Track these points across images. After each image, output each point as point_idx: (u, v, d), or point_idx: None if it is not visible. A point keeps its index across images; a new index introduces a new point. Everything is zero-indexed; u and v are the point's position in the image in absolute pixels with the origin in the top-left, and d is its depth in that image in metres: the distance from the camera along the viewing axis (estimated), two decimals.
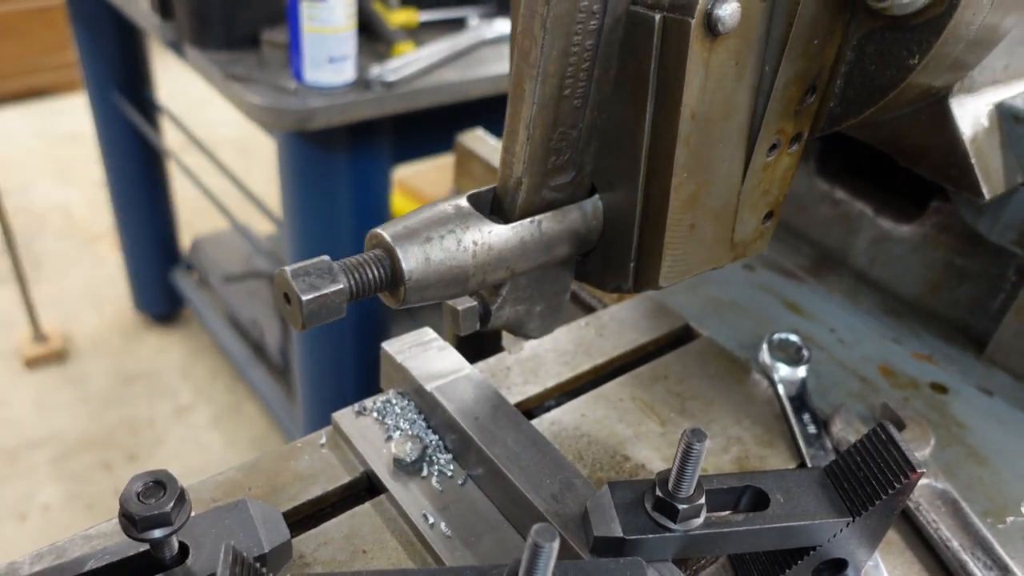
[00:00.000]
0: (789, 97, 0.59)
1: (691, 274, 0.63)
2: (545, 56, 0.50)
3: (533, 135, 0.54)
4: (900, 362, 0.92)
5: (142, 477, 0.53)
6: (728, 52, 0.53)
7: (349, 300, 0.51)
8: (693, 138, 0.55)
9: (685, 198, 0.58)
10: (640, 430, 0.77)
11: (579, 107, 0.55)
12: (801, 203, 1.11)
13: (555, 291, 0.65)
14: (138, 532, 0.51)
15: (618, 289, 0.64)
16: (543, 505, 0.62)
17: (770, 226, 0.68)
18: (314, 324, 0.49)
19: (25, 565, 0.59)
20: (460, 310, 0.60)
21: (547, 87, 0.52)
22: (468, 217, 0.55)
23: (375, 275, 0.52)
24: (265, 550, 0.58)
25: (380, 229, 0.53)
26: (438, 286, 0.54)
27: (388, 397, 0.75)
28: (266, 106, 1.54)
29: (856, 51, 0.60)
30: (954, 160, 0.72)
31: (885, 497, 0.57)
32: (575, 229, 0.60)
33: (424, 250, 0.52)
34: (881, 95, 0.61)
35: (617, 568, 0.52)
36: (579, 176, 0.59)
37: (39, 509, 2.53)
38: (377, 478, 0.69)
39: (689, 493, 0.56)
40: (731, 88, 0.55)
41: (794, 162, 0.65)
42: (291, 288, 0.49)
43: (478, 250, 0.54)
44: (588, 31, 0.51)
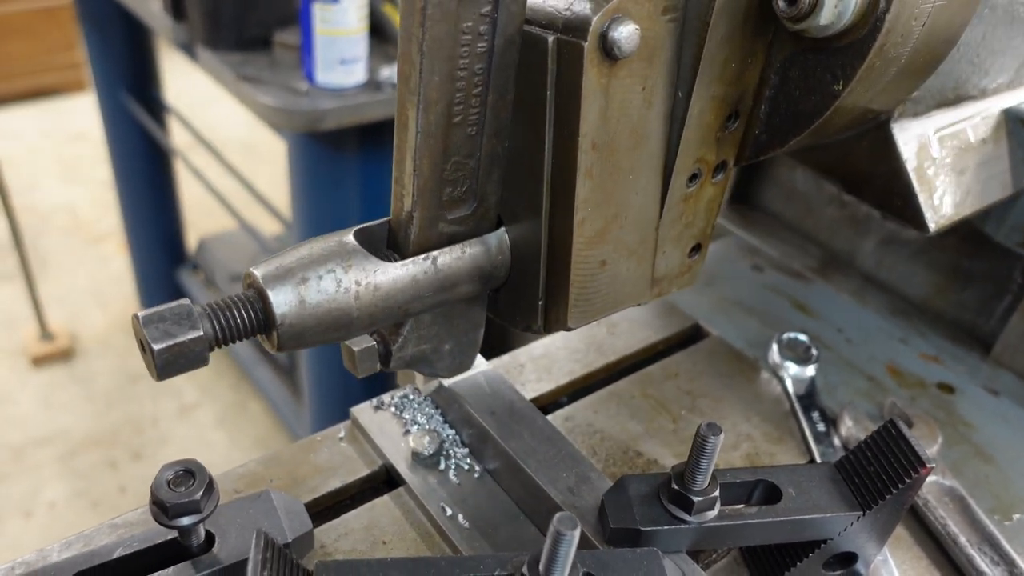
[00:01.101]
0: (707, 124, 0.55)
1: (607, 313, 0.59)
2: (425, 82, 0.46)
3: (420, 166, 0.49)
4: (907, 362, 0.93)
5: (172, 466, 0.55)
6: (632, 77, 0.49)
7: (212, 347, 0.47)
8: (596, 170, 0.51)
9: (592, 234, 0.53)
10: (652, 426, 0.79)
11: (474, 135, 0.51)
12: (809, 205, 1.12)
13: (465, 328, 0.61)
14: (168, 519, 0.53)
15: (528, 329, 0.59)
16: (560, 497, 0.63)
17: (699, 259, 0.63)
18: (171, 374, 0.46)
19: (54, 552, 0.60)
20: (356, 351, 0.56)
21: (431, 114, 0.48)
22: (352, 255, 0.50)
23: (244, 318, 0.48)
24: (288, 539, 0.59)
25: (253, 268, 0.49)
26: (316, 330, 0.49)
27: (405, 392, 0.77)
28: (278, 107, 1.56)
29: (780, 75, 0.56)
30: (897, 189, 0.67)
31: (895, 492, 0.58)
32: (478, 265, 0.55)
33: (299, 292, 0.48)
34: (807, 122, 0.56)
35: (634, 558, 0.54)
36: (481, 208, 0.55)
37: (44, 506, 2.55)
38: (396, 471, 0.70)
39: (704, 486, 0.58)
40: (638, 115, 0.51)
41: (720, 191, 0.60)
42: (143, 336, 0.45)
43: (362, 291, 0.50)
44: (476, 54, 0.47)
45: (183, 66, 2.86)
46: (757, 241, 1.12)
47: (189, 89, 4.19)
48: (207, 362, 0.47)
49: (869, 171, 0.68)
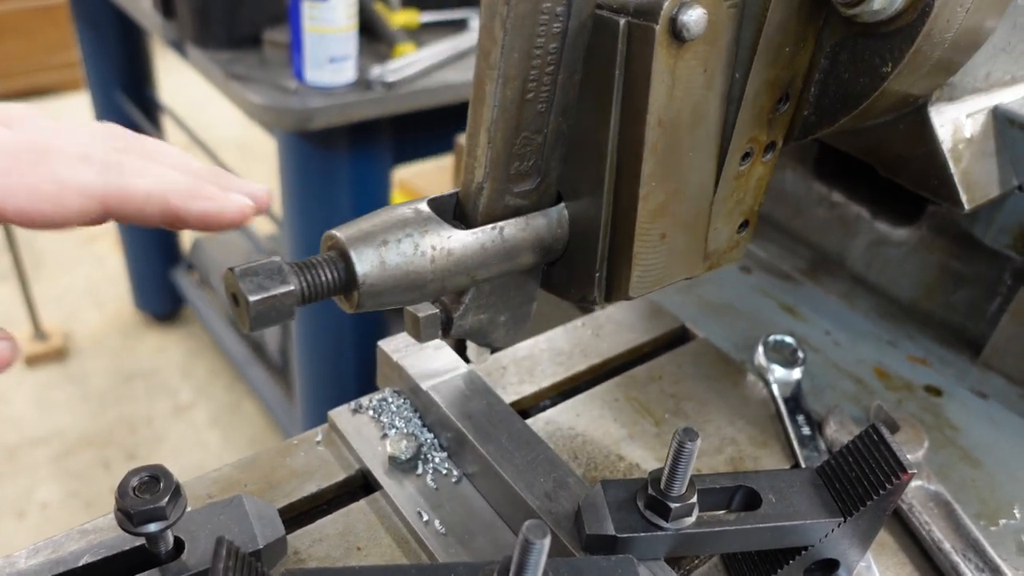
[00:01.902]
0: (761, 105, 0.58)
1: (662, 284, 0.62)
2: (506, 58, 0.49)
3: (494, 139, 0.52)
4: (895, 364, 0.92)
5: (138, 472, 0.54)
6: (696, 58, 0.52)
7: (300, 303, 0.49)
8: (661, 146, 0.54)
9: (654, 207, 0.57)
10: (635, 430, 0.78)
11: (543, 112, 0.54)
12: (798, 206, 1.11)
13: (520, 300, 0.63)
14: (133, 526, 0.52)
15: (584, 300, 0.62)
16: (536, 503, 0.62)
17: (745, 235, 0.67)
18: (262, 327, 0.48)
19: (21, 559, 0.59)
20: (421, 317, 0.59)
21: (508, 90, 0.51)
22: (427, 221, 0.53)
23: (328, 277, 0.50)
24: (260, 546, 0.58)
25: (336, 230, 0.52)
26: (394, 291, 0.52)
27: (384, 395, 0.76)
28: (267, 105, 1.55)
29: (830, 58, 0.59)
30: (933, 170, 0.71)
31: (876, 498, 0.57)
32: (539, 237, 0.59)
33: (380, 253, 0.51)
34: (855, 103, 0.60)
35: (609, 566, 0.53)
36: (544, 183, 0.58)
37: (38, 507, 2.54)
38: (372, 476, 0.69)
39: (681, 492, 0.57)
40: (700, 95, 0.54)
41: (768, 171, 0.64)
42: (239, 289, 0.47)
43: (436, 255, 0.53)
44: (552, 34, 0.50)
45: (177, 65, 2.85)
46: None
47: (183, 88, 4.18)
48: (294, 316, 0.49)
49: (906, 153, 0.72)
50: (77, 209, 0.41)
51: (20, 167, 0.39)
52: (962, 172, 0.71)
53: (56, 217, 0.41)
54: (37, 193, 0.39)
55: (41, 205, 0.40)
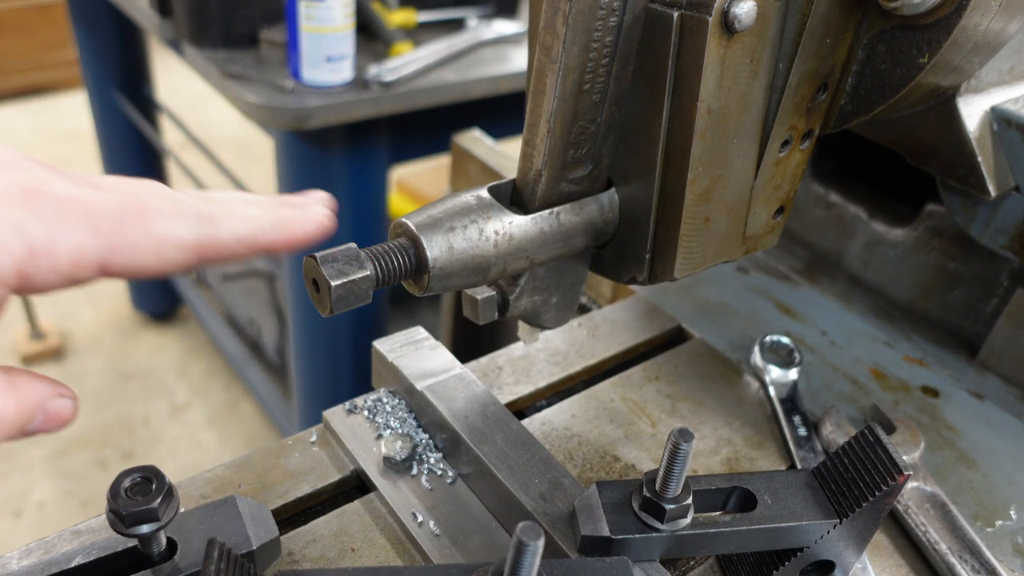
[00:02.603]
0: (802, 94, 0.61)
1: (704, 266, 0.65)
2: (566, 51, 0.52)
3: (554, 128, 0.55)
4: (891, 365, 0.92)
5: (130, 472, 0.53)
6: (744, 49, 0.54)
7: (375, 287, 0.52)
8: (709, 133, 0.56)
9: (700, 192, 0.59)
10: (631, 431, 0.78)
11: (598, 102, 0.57)
12: (795, 206, 1.11)
13: (571, 282, 0.66)
14: (125, 527, 0.51)
15: (633, 281, 0.65)
16: (531, 504, 0.62)
17: (781, 221, 0.69)
18: (342, 309, 0.51)
19: (13, 561, 0.59)
20: (480, 299, 0.61)
21: (568, 82, 0.53)
22: (490, 208, 0.56)
23: (400, 263, 0.53)
24: (253, 547, 0.58)
25: (405, 218, 0.54)
26: (460, 274, 0.55)
27: (379, 395, 0.75)
28: (263, 105, 1.55)
29: (867, 50, 0.62)
30: (961, 159, 0.74)
31: (872, 499, 0.57)
32: (592, 221, 0.61)
33: (448, 239, 0.53)
34: (891, 93, 0.62)
35: (603, 567, 0.53)
36: (596, 170, 0.61)
37: (34, 506, 2.53)
38: (367, 476, 0.69)
39: (676, 493, 0.56)
40: (746, 85, 0.57)
41: (805, 158, 0.67)
42: (320, 274, 0.50)
43: (499, 240, 0.56)
44: (608, 27, 0.53)
45: (175, 65, 2.85)
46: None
47: (181, 88, 4.18)
48: (370, 299, 0.51)
49: (935, 143, 0.74)
50: (175, 261, 0.44)
51: (125, 228, 0.42)
52: (989, 161, 0.74)
53: (157, 270, 0.44)
54: (141, 250, 0.42)
55: (144, 260, 0.43)
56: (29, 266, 0.39)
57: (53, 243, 0.39)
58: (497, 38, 1.96)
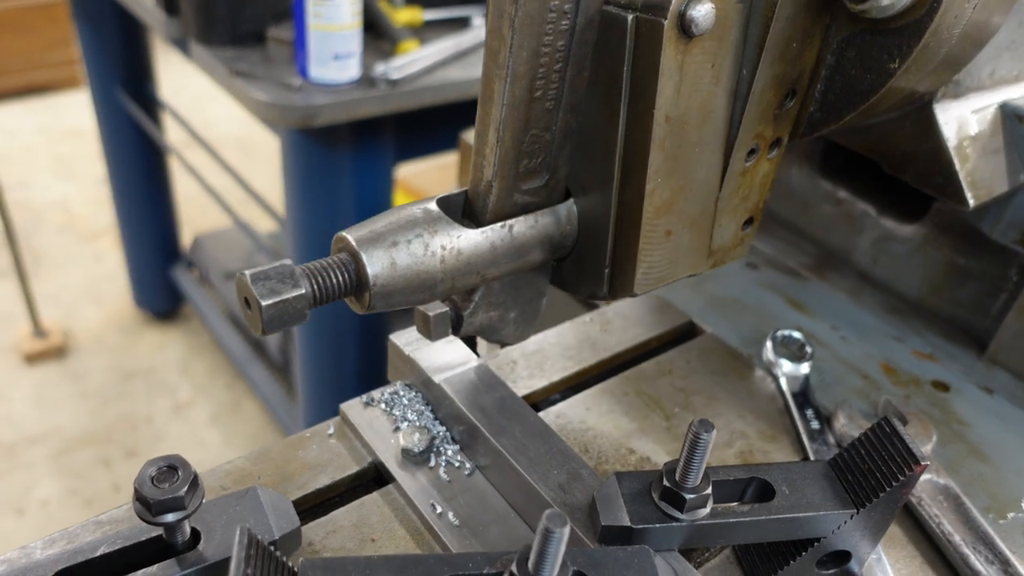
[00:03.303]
0: (768, 101, 0.58)
1: (667, 281, 0.62)
2: (514, 56, 0.49)
3: (503, 137, 0.52)
4: (902, 360, 0.93)
5: (156, 462, 0.54)
6: (703, 54, 0.52)
7: (312, 305, 0.49)
8: (668, 142, 0.54)
9: (660, 203, 0.57)
10: (645, 424, 0.78)
11: (551, 109, 0.54)
12: (805, 202, 1.12)
13: (530, 297, 0.64)
14: (152, 516, 0.52)
15: (593, 296, 0.63)
16: (550, 495, 0.62)
17: (750, 232, 0.67)
18: (274, 330, 0.48)
19: (37, 550, 0.60)
20: (432, 315, 0.59)
21: (517, 88, 0.51)
22: (437, 221, 0.53)
23: (339, 280, 0.50)
24: (275, 537, 0.59)
25: (346, 232, 0.52)
26: (404, 292, 0.52)
27: (396, 388, 0.76)
28: (271, 103, 1.55)
29: (836, 55, 0.59)
30: (939, 167, 0.71)
31: (889, 489, 0.57)
32: (548, 234, 0.59)
33: (390, 255, 0.51)
34: (862, 99, 0.60)
35: (625, 556, 0.53)
36: (553, 180, 0.58)
37: (37, 504, 2.53)
38: (385, 468, 0.69)
39: (696, 483, 0.57)
40: (707, 91, 0.54)
41: (774, 167, 0.64)
42: (251, 292, 0.47)
43: (446, 255, 0.53)
44: (559, 31, 0.50)
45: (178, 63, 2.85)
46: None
47: (184, 86, 4.18)
48: (306, 319, 0.49)
49: (912, 150, 0.72)
50: None
51: None
52: (967, 169, 0.71)
53: None
54: None
55: None
56: None
57: None
58: None
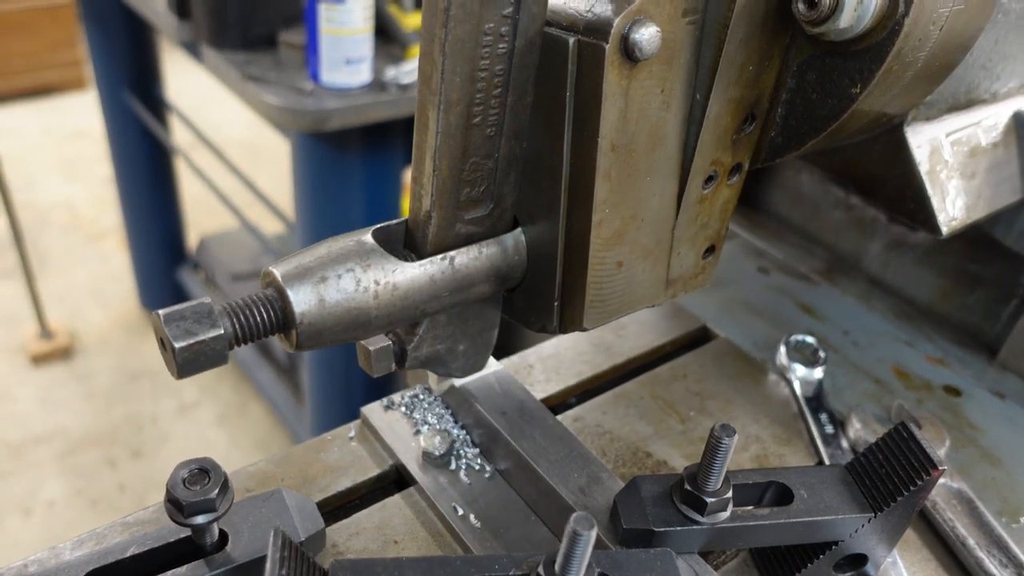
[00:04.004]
0: (724, 126, 0.55)
1: (622, 314, 0.59)
2: (447, 82, 0.46)
3: (440, 166, 0.50)
4: (913, 365, 0.93)
5: (187, 464, 0.55)
6: (651, 79, 0.49)
7: (232, 346, 0.47)
8: (615, 171, 0.51)
9: (609, 234, 0.54)
10: (661, 428, 0.79)
11: (492, 136, 0.51)
12: (815, 208, 1.12)
13: (480, 329, 0.61)
14: (184, 517, 0.53)
15: (543, 330, 0.60)
16: (571, 498, 0.63)
17: (712, 260, 0.64)
18: (191, 373, 0.46)
19: (66, 551, 0.60)
20: (372, 350, 0.56)
21: (451, 115, 0.48)
22: (370, 254, 0.50)
23: (263, 318, 0.48)
24: (301, 538, 0.59)
25: (273, 267, 0.49)
26: (335, 330, 0.49)
27: (416, 392, 0.77)
28: (283, 107, 1.56)
29: (796, 78, 0.56)
30: (910, 192, 0.67)
31: (907, 493, 0.58)
32: (495, 265, 0.56)
33: (318, 291, 0.48)
34: (824, 124, 0.56)
35: (648, 558, 0.54)
36: (498, 209, 0.55)
37: (43, 504, 2.54)
38: (406, 471, 0.70)
39: (717, 487, 0.58)
40: (657, 117, 0.51)
41: (735, 194, 0.60)
42: (164, 334, 0.45)
43: (380, 291, 0.50)
44: (496, 55, 0.47)
45: (185, 65, 2.86)
46: (764, 244, 1.13)
47: (191, 88, 4.19)
48: (226, 360, 0.47)
49: (882, 174, 0.68)
50: None
51: None
52: (940, 195, 0.68)
53: None
54: None
55: None
56: None
57: None
58: None
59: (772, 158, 0.60)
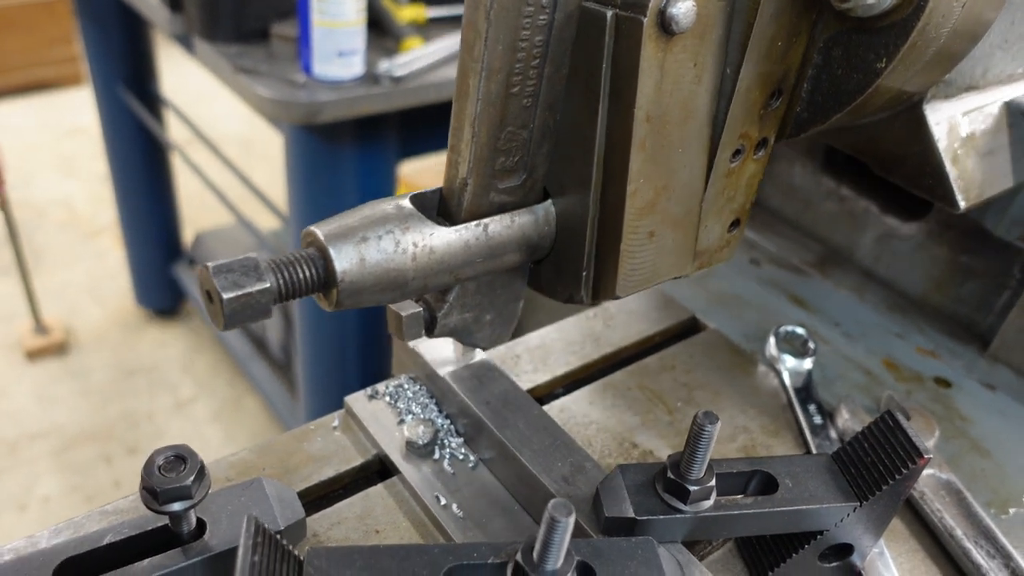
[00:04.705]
0: (752, 100, 0.57)
1: (651, 284, 0.61)
2: (490, 50, 0.48)
3: (479, 133, 0.51)
4: (904, 356, 0.93)
5: (163, 451, 0.54)
6: (685, 52, 0.51)
7: (277, 300, 0.48)
8: (649, 142, 0.53)
9: (642, 204, 0.55)
10: (648, 418, 0.78)
11: (529, 106, 0.53)
12: (807, 200, 1.12)
13: (506, 299, 0.62)
14: (159, 505, 0.52)
15: (571, 300, 0.61)
16: (554, 487, 0.63)
17: (736, 234, 0.65)
18: (236, 324, 0.47)
19: (44, 540, 0.60)
20: (404, 316, 0.57)
21: (492, 83, 0.50)
22: (409, 218, 0.51)
23: (306, 275, 0.49)
24: (280, 527, 0.59)
25: (315, 227, 0.50)
26: (374, 290, 0.50)
27: (400, 381, 0.76)
28: (275, 99, 1.55)
29: (823, 54, 0.58)
30: (929, 169, 0.69)
31: (892, 482, 0.58)
32: (525, 235, 0.57)
33: (359, 250, 0.49)
34: (849, 99, 0.58)
35: (629, 547, 0.53)
36: (530, 179, 0.57)
37: (39, 501, 2.54)
38: (390, 460, 0.69)
39: (700, 475, 0.57)
40: (689, 90, 0.53)
41: (760, 168, 0.62)
42: (213, 285, 0.46)
43: (418, 253, 0.51)
44: (537, 26, 0.49)
45: (181, 61, 2.85)
46: (755, 235, 1.12)
47: (187, 84, 4.19)
48: (270, 315, 0.48)
49: (901, 151, 0.70)
50: None
51: None
52: (958, 171, 0.70)
53: None
54: None
55: None
56: None
57: None
58: None
59: (797, 133, 0.62)
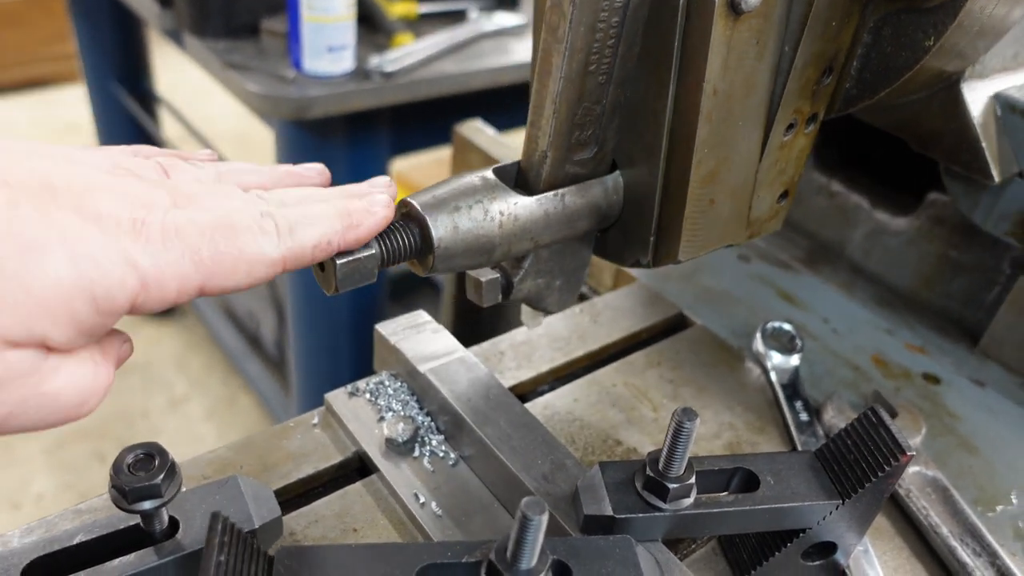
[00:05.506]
0: (807, 77, 0.61)
1: (708, 249, 0.65)
2: (573, 31, 0.52)
3: (559, 109, 0.55)
4: (893, 353, 0.92)
5: (133, 449, 0.53)
6: (750, 31, 0.55)
7: (381, 266, 0.52)
8: (715, 115, 0.57)
9: (705, 174, 0.59)
10: (632, 415, 0.78)
11: (603, 83, 0.57)
12: (798, 195, 1.11)
13: (575, 266, 0.67)
14: (128, 504, 0.51)
15: (636, 264, 0.65)
16: (534, 485, 0.62)
17: (785, 205, 0.70)
18: (347, 288, 0.51)
19: (15, 539, 0.59)
20: (484, 281, 0.61)
21: (574, 62, 0.54)
22: (495, 188, 0.56)
23: (406, 242, 0.53)
24: (255, 526, 0.58)
25: (411, 198, 0.55)
26: (465, 255, 0.55)
27: (381, 378, 0.75)
28: (264, 94, 1.54)
29: (873, 33, 0.63)
30: (965, 145, 0.74)
31: (875, 480, 0.57)
32: (597, 203, 0.62)
33: (453, 219, 0.53)
34: (896, 76, 0.63)
35: (606, 545, 0.52)
36: (601, 152, 0.61)
37: (33, 498, 2.53)
38: (369, 458, 0.69)
39: (679, 473, 0.56)
40: (751, 67, 0.57)
41: (809, 142, 0.67)
42: None
43: (504, 221, 0.56)
44: (614, 8, 0.53)
45: (174, 57, 2.84)
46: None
47: (180, 81, 4.17)
48: (375, 279, 0.52)
49: (939, 129, 0.75)
50: (263, 277, 0.46)
51: (221, 255, 0.43)
52: (993, 147, 0.74)
53: (248, 286, 0.46)
54: (235, 272, 0.44)
55: (238, 281, 0.45)
56: (141, 298, 0.41)
57: (162, 276, 0.41)
58: (498, 30, 1.96)
59: (845, 108, 0.67)
